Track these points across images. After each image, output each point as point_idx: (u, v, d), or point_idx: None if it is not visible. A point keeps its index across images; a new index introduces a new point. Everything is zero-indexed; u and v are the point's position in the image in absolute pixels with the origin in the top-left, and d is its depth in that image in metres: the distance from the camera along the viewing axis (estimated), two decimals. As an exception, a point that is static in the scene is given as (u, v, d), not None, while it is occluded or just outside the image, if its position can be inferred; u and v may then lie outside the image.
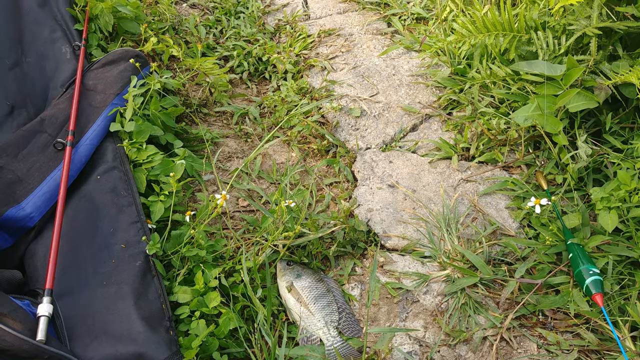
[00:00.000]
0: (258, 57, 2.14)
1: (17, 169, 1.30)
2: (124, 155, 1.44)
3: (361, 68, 2.05)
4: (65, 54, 1.71)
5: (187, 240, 1.26)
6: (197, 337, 1.08)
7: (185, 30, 2.26)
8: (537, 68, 1.47)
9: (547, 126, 1.42)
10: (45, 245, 1.20)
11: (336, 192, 1.60)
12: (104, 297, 1.11)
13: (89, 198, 1.31)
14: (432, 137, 1.72)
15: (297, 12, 2.46)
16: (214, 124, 1.85)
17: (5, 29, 1.68)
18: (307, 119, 1.78)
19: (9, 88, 1.58)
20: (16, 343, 0.90)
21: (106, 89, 1.55)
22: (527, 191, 1.47)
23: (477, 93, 1.70)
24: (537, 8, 1.62)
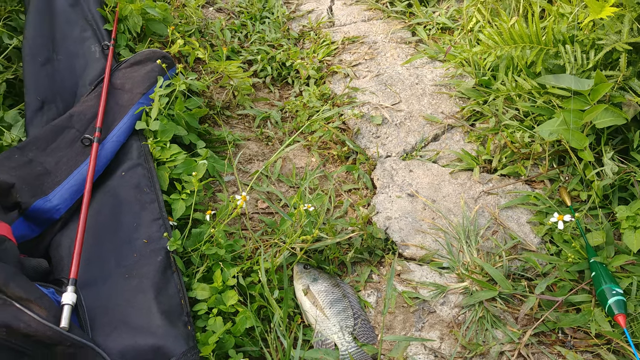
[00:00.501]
0: (281, 62, 2.16)
1: (45, 162, 1.33)
2: (148, 153, 1.45)
3: (384, 76, 2.06)
4: (94, 53, 1.74)
5: (206, 239, 1.27)
6: (214, 334, 1.09)
7: (211, 33, 2.28)
8: (564, 82, 1.46)
9: (573, 141, 1.41)
10: (70, 236, 1.22)
11: (355, 198, 1.60)
12: (126, 290, 1.13)
13: (113, 193, 1.33)
14: (453, 147, 1.72)
15: (321, 18, 2.48)
16: (236, 127, 1.87)
17: (39, 28, 1.71)
18: (328, 125, 1.79)
19: (40, 84, 1.61)
20: (40, 329, 0.92)
21: (133, 88, 1.57)
22: (549, 206, 1.46)
23: (501, 105, 1.69)
24: (565, 21, 1.61)
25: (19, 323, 0.91)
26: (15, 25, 1.80)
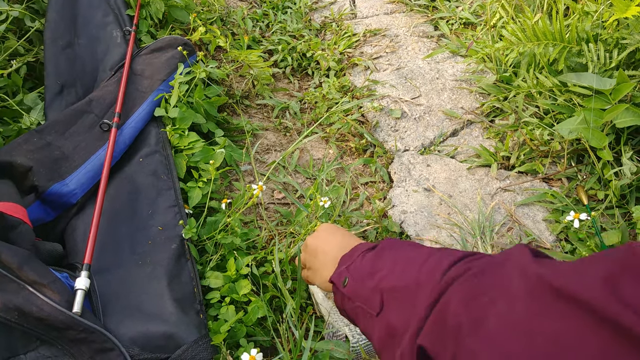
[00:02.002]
0: (302, 53, 2.15)
1: (63, 146, 1.34)
2: (166, 140, 1.46)
3: (405, 70, 2.05)
4: (116, 38, 1.74)
5: (221, 227, 1.28)
6: (225, 323, 1.10)
7: (232, 22, 2.28)
8: (586, 80, 1.44)
9: (592, 140, 1.40)
10: (85, 221, 1.23)
11: (371, 191, 1.60)
12: (139, 277, 1.13)
13: (130, 179, 1.34)
14: (472, 143, 1.71)
15: (344, 10, 2.47)
16: (255, 116, 1.87)
17: (61, 11, 1.72)
18: (347, 117, 1.78)
19: (61, 68, 1.61)
20: (53, 313, 0.92)
21: (153, 75, 1.58)
22: (566, 205, 1.45)
23: (521, 102, 1.68)
24: (590, 20, 1.59)
25: (31, 307, 0.92)
26: (37, 8, 1.81)
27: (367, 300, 0.74)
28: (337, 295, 0.86)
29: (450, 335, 0.54)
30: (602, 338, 0.38)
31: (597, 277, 0.40)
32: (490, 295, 0.52)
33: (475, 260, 0.60)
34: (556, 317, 0.42)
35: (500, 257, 0.57)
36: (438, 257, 0.66)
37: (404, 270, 0.70)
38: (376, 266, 0.77)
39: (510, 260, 0.54)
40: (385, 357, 0.68)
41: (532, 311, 0.45)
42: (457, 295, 0.56)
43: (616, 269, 0.40)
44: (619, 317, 0.36)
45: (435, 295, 0.59)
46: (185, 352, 1.02)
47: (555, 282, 0.43)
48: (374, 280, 0.75)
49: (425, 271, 0.65)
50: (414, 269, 0.67)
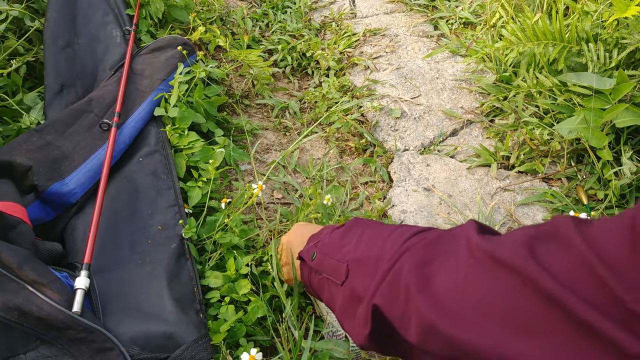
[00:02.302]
0: (302, 53, 2.15)
1: (63, 146, 1.34)
2: (165, 139, 1.46)
3: (404, 69, 2.05)
4: (115, 38, 1.74)
5: (221, 227, 1.28)
6: (225, 322, 1.10)
7: (232, 21, 2.28)
8: (586, 80, 1.44)
9: (592, 140, 1.40)
10: (85, 221, 1.23)
11: (371, 191, 1.60)
12: (139, 276, 1.14)
13: (130, 179, 1.34)
14: (472, 143, 1.71)
15: (343, 9, 2.47)
16: (255, 116, 1.87)
17: (61, 11, 1.72)
18: (347, 117, 1.78)
19: (60, 67, 1.61)
20: (53, 312, 0.92)
21: (153, 74, 1.58)
22: (566, 204, 1.45)
23: (521, 102, 1.68)
24: (589, 19, 1.59)
25: (31, 306, 0.92)
26: (37, 8, 1.81)
27: (333, 271, 0.80)
28: (305, 269, 0.92)
29: (402, 295, 0.61)
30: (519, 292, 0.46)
31: (518, 242, 0.49)
32: (438, 260, 0.60)
33: (429, 232, 0.68)
34: (489, 277, 0.50)
35: (451, 230, 0.65)
36: (401, 231, 0.72)
37: (370, 242, 0.76)
38: (344, 240, 0.83)
39: (459, 232, 0.61)
40: (346, 323, 0.75)
41: (472, 273, 0.53)
42: (410, 260, 0.63)
43: (533, 235, 0.49)
44: (531, 274, 0.44)
45: (392, 262, 0.65)
46: (185, 352, 1.02)
47: (489, 249, 0.51)
48: (341, 252, 0.80)
49: (389, 243, 0.71)
50: (379, 241, 0.73)
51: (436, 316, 0.54)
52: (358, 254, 0.76)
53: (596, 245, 0.42)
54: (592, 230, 0.44)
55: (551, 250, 0.46)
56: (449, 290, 0.55)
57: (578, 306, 0.40)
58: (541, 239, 0.48)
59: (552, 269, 0.43)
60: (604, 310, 0.39)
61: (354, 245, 0.79)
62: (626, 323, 0.37)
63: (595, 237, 0.43)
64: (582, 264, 0.41)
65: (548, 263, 0.44)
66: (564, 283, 0.42)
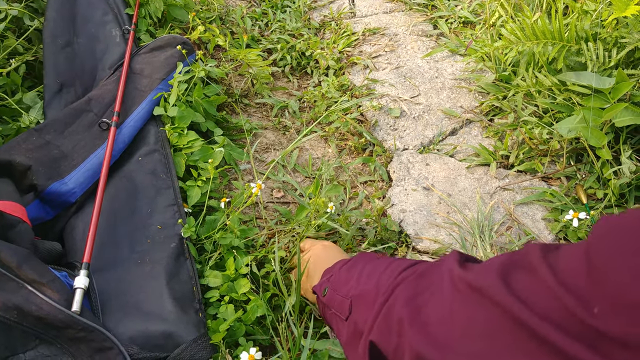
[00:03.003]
0: (301, 52, 2.15)
1: (62, 145, 1.34)
2: (165, 139, 1.46)
3: (404, 69, 2.05)
4: (115, 37, 1.74)
5: (220, 226, 1.28)
6: (224, 322, 1.10)
7: (231, 20, 2.28)
8: (585, 79, 1.44)
9: (591, 139, 1.40)
10: (85, 220, 1.23)
11: (370, 190, 1.60)
12: (138, 276, 1.14)
13: (129, 178, 1.34)
14: (471, 142, 1.71)
15: (343, 9, 2.47)
16: (254, 115, 1.87)
17: (60, 10, 1.72)
18: (346, 116, 1.78)
19: (60, 67, 1.61)
20: (52, 312, 0.92)
21: (152, 74, 1.58)
22: (565, 204, 1.45)
23: (520, 101, 1.68)
24: (589, 19, 1.59)
25: (30, 306, 0.92)
26: (36, 7, 1.81)
27: (339, 306, 0.85)
28: (319, 304, 0.99)
29: (395, 329, 0.64)
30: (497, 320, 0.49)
31: (494, 272, 0.52)
32: (427, 292, 0.64)
33: (420, 265, 0.73)
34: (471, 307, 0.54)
35: (438, 261, 0.69)
36: (395, 265, 0.78)
37: (369, 276, 0.81)
38: (348, 276, 0.89)
39: (443, 264, 0.65)
40: (351, 357, 0.80)
41: (456, 304, 0.56)
42: (402, 294, 0.68)
43: (507, 264, 0.52)
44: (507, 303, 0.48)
45: (387, 295, 0.70)
46: (184, 351, 1.02)
47: (468, 280, 0.55)
48: (346, 288, 0.87)
49: (385, 276, 0.76)
50: (377, 275, 0.79)
51: (427, 348, 0.57)
52: (359, 289, 0.81)
53: (559, 274, 0.46)
54: (557, 258, 0.48)
55: (523, 280, 0.50)
56: (437, 321, 0.58)
57: (549, 331, 0.44)
58: (514, 268, 0.52)
59: (525, 298, 0.47)
60: (571, 333, 0.43)
61: (356, 280, 0.84)
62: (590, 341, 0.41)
63: (559, 266, 0.47)
64: (548, 292, 0.46)
65: (520, 292, 0.48)
66: (535, 311, 0.45)
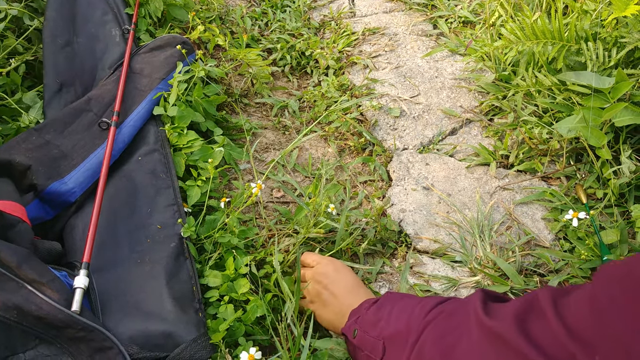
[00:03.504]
0: (301, 52, 2.15)
1: (62, 145, 1.34)
2: (165, 138, 1.46)
3: (404, 68, 2.05)
4: (114, 37, 1.74)
5: (220, 226, 1.28)
6: (224, 321, 1.10)
7: (231, 20, 2.28)
8: (585, 79, 1.44)
9: (591, 139, 1.40)
10: (84, 220, 1.23)
11: (370, 190, 1.60)
12: (138, 275, 1.14)
13: (129, 178, 1.34)
14: (471, 142, 1.71)
15: (343, 8, 2.47)
16: (254, 115, 1.87)
17: (60, 10, 1.72)
18: (346, 116, 1.78)
19: (60, 66, 1.61)
20: (52, 312, 0.92)
21: (152, 73, 1.58)
22: (565, 203, 1.45)
23: (520, 101, 1.68)
24: (589, 18, 1.59)
25: (30, 305, 0.92)
26: (36, 7, 1.81)
27: (372, 349, 0.86)
28: (349, 345, 1.00)
29: None
30: None
31: (512, 317, 0.58)
32: (455, 332, 0.67)
33: (447, 304, 0.77)
34: (494, 350, 0.59)
35: (464, 301, 0.73)
36: (423, 304, 0.81)
37: (399, 316, 0.84)
38: (377, 317, 0.90)
39: (469, 304, 0.69)
40: None
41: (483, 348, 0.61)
42: (431, 335, 0.71)
43: (523, 310, 0.58)
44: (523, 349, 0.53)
45: (416, 336, 0.73)
46: (184, 351, 1.02)
47: (491, 325, 0.61)
48: (376, 329, 0.88)
49: (414, 316, 0.79)
50: (406, 315, 0.81)
51: None
52: (390, 330, 0.83)
53: (566, 320, 0.52)
54: (565, 304, 0.54)
55: (536, 325, 0.55)
56: None
57: None
58: (528, 314, 0.57)
59: (538, 342, 0.53)
60: None
61: (386, 321, 0.86)
62: None
63: (566, 312, 0.53)
64: (556, 338, 0.51)
65: (534, 337, 0.54)
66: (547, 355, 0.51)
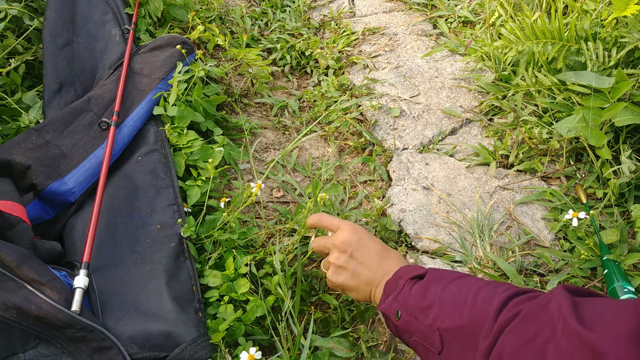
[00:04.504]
0: (301, 51, 2.15)
1: (62, 145, 1.34)
2: (164, 138, 1.46)
3: (403, 68, 2.05)
4: (114, 37, 1.74)
5: (220, 226, 1.28)
6: (224, 321, 1.10)
7: (231, 20, 2.28)
8: (585, 79, 1.44)
9: (591, 139, 1.40)
10: (84, 220, 1.23)
11: (370, 190, 1.60)
12: (138, 275, 1.14)
13: (129, 178, 1.34)
14: (471, 142, 1.71)
15: (342, 8, 2.47)
16: (254, 115, 1.87)
17: (59, 9, 1.72)
18: (346, 116, 1.78)
19: (59, 66, 1.61)
20: (52, 311, 0.92)
21: (152, 73, 1.58)
22: (565, 203, 1.45)
23: (520, 100, 1.68)
24: (588, 18, 1.59)
25: (30, 305, 0.92)
26: (36, 7, 1.81)
27: (426, 338, 0.80)
28: (390, 324, 0.91)
29: None
30: None
31: (623, 337, 0.50)
32: (538, 340, 0.61)
33: (522, 303, 0.68)
34: None
35: (542, 300, 0.66)
36: (486, 295, 0.73)
37: (457, 307, 0.76)
38: (426, 301, 0.82)
39: (551, 304, 0.63)
40: None
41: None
42: (510, 344, 0.64)
43: (635, 325, 0.51)
44: None
45: (490, 340, 0.66)
46: (184, 351, 1.02)
47: (592, 340, 0.53)
48: (428, 317, 0.80)
49: (479, 310, 0.72)
50: (466, 307, 0.74)
51: None
52: (447, 322, 0.76)
53: None
54: None
55: None
56: None
57: None
58: None
59: None
60: None
61: (439, 309, 0.79)
62: None
63: None
64: None
65: None
66: None
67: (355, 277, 1.00)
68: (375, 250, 1.01)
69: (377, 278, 0.97)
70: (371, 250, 1.01)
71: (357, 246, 1.02)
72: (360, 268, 1.00)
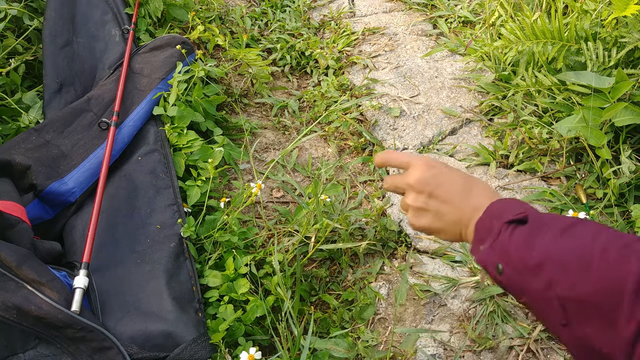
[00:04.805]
0: (301, 52, 2.15)
1: (62, 145, 1.34)
2: (164, 138, 1.46)
3: (403, 68, 2.05)
4: (114, 37, 1.74)
5: (220, 226, 1.28)
6: (224, 321, 1.10)
7: (231, 20, 2.28)
8: (585, 79, 1.44)
9: (591, 139, 1.40)
10: (84, 220, 1.23)
11: (370, 190, 1.60)
12: (138, 275, 1.14)
13: (129, 178, 1.34)
14: (471, 142, 1.71)
15: (342, 8, 2.47)
16: (253, 115, 1.87)
17: (59, 9, 1.72)
18: (346, 116, 1.78)
19: (59, 66, 1.61)
20: (51, 312, 0.92)
21: (152, 73, 1.58)
22: (565, 203, 1.44)
23: (520, 100, 1.67)
24: (588, 18, 1.59)
25: (30, 305, 0.92)
26: (36, 7, 1.81)
27: (540, 304, 0.67)
28: (491, 274, 0.73)
29: None
30: None
31: None
32: None
33: None
34: None
35: None
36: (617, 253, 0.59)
37: (580, 272, 0.62)
38: (534, 257, 0.66)
39: None
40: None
41: None
42: None
43: None
44: None
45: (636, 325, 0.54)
46: (184, 351, 1.02)
47: None
48: (540, 280, 0.65)
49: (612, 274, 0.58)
50: (592, 271, 0.60)
51: None
52: (571, 291, 0.61)
53: None
54: None
55: None
56: None
57: None
58: None
59: None
60: None
61: (555, 270, 0.64)
62: None
63: None
64: None
65: None
66: None
67: (439, 218, 0.85)
68: (458, 184, 0.85)
69: (465, 217, 0.82)
70: (452, 184, 0.86)
71: (435, 183, 0.86)
72: (443, 207, 0.84)
